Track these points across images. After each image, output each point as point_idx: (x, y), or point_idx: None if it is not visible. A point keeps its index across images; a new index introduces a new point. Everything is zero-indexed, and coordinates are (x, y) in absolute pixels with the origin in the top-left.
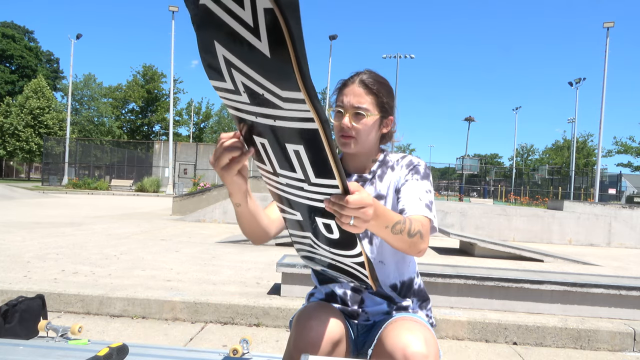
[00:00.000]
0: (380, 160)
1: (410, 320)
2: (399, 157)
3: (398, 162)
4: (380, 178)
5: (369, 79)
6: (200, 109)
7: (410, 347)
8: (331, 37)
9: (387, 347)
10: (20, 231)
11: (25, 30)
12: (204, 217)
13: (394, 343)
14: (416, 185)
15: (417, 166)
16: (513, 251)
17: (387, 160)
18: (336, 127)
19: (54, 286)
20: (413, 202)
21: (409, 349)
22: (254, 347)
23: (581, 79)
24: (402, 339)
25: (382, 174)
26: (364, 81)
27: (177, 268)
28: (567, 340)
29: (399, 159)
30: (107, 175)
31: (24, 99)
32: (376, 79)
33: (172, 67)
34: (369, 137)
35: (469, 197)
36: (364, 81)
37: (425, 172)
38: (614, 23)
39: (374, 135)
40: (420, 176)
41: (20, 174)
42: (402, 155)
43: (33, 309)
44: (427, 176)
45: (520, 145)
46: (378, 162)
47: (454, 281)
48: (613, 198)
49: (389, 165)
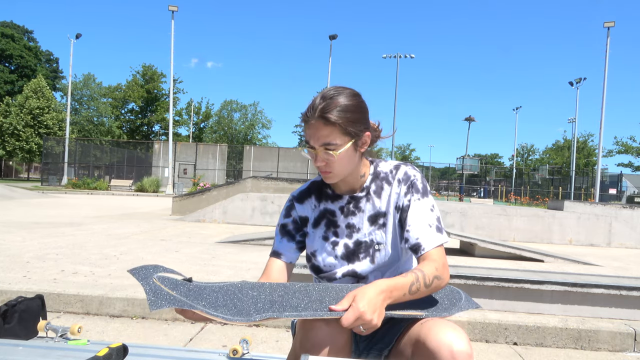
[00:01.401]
0: (372, 173)
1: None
2: (392, 166)
3: (392, 174)
4: (376, 194)
5: (326, 108)
6: (200, 109)
7: (456, 344)
8: (331, 37)
9: (429, 345)
10: (20, 231)
11: (25, 30)
12: (203, 217)
13: (438, 341)
14: (420, 208)
15: (414, 181)
16: (513, 251)
17: (379, 171)
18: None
19: (54, 286)
20: (426, 233)
21: (455, 347)
22: (254, 347)
23: (581, 78)
24: (447, 336)
25: (377, 189)
26: (321, 114)
27: (177, 268)
28: (567, 341)
29: (392, 169)
30: (107, 175)
31: (23, 99)
32: (334, 104)
33: (172, 67)
34: (349, 163)
35: (469, 197)
36: (321, 114)
37: (423, 187)
38: (614, 23)
39: (353, 159)
40: (420, 194)
41: (19, 174)
42: (394, 165)
43: (32, 309)
44: (426, 190)
45: (520, 145)
46: (370, 176)
47: (454, 281)
48: (613, 198)
49: (382, 178)
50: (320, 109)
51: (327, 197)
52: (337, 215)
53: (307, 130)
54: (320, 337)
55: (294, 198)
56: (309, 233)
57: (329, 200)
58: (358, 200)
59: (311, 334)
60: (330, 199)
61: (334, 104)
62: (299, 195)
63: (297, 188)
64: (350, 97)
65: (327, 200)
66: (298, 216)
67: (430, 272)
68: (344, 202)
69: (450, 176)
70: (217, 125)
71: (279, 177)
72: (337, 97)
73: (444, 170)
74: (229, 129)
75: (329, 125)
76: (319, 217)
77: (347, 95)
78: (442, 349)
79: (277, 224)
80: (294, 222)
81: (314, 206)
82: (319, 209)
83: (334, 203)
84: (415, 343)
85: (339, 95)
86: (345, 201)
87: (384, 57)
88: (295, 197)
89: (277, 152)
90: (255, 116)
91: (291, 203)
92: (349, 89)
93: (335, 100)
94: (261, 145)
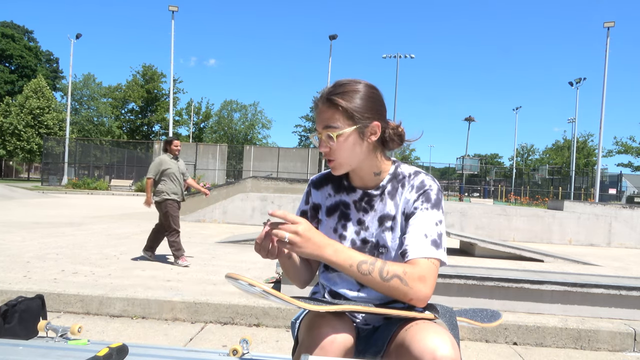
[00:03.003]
0: (391, 173)
1: (432, 323)
2: (412, 171)
3: (410, 178)
4: (390, 195)
5: (334, 90)
6: (200, 109)
7: (439, 350)
8: (331, 37)
9: (413, 351)
10: (20, 231)
11: (25, 30)
12: (203, 217)
13: (422, 347)
14: (425, 218)
15: (429, 191)
16: (513, 251)
17: (399, 172)
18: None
19: (54, 286)
20: (417, 241)
21: (439, 352)
22: (254, 347)
23: (581, 79)
24: (430, 342)
25: (392, 190)
26: (327, 96)
27: (177, 268)
28: (567, 341)
29: (412, 174)
30: (107, 175)
31: (23, 99)
32: (342, 89)
33: (172, 67)
34: (353, 153)
35: (469, 197)
36: (327, 96)
37: (436, 199)
38: (614, 23)
39: (358, 149)
40: (430, 204)
41: (20, 174)
42: (414, 171)
43: (33, 309)
44: (438, 203)
45: (520, 145)
46: (389, 176)
47: (454, 281)
48: (613, 198)
49: (399, 180)
50: (327, 92)
51: (344, 189)
52: (351, 209)
53: (315, 117)
54: (324, 337)
55: (312, 183)
56: (322, 220)
57: (345, 192)
58: (372, 197)
59: (315, 334)
60: (346, 191)
61: (342, 89)
62: (317, 181)
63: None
64: (360, 85)
65: (343, 191)
66: (313, 202)
67: (394, 269)
68: (357, 197)
69: (450, 176)
70: (217, 125)
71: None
72: (347, 84)
73: (444, 170)
74: (229, 129)
75: (332, 107)
76: (333, 207)
77: (357, 82)
78: (425, 355)
79: (297, 209)
80: (312, 209)
81: (329, 195)
82: (334, 198)
83: (349, 195)
84: (399, 348)
85: (350, 82)
86: (359, 196)
87: (384, 57)
88: (314, 182)
89: (277, 152)
90: (255, 116)
91: (309, 189)
92: (365, 81)
93: (344, 86)
94: (261, 145)
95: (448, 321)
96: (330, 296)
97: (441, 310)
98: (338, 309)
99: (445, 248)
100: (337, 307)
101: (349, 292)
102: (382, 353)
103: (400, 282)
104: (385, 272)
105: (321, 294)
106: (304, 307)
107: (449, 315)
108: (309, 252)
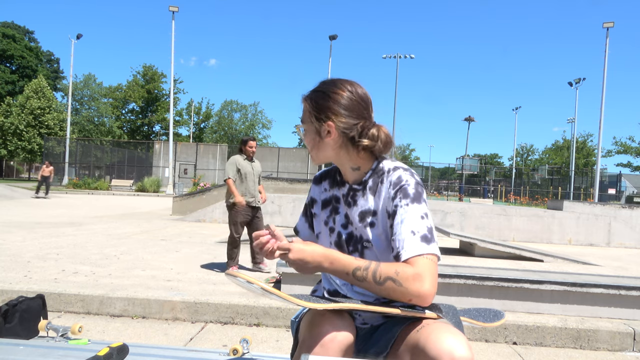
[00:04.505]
0: (373, 169)
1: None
2: (391, 167)
3: (388, 174)
4: (372, 190)
5: (311, 89)
6: (200, 109)
7: (456, 351)
8: (331, 37)
9: (430, 352)
10: (21, 231)
11: (26, 31)
12: (204, 217)
13: (438, 348)
14: (408, 214)
15: (406, 186)
16: (513, 251)
17: (380, 168)
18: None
19: (54, 286)
20: (406, 241)
21: (456, 353)
22: (254, 347)
23: (581, 79)
24: (446, 343)
25: (374, 186)
26: (305, 94)
27: (177, 268)
28: (567, 340)
29: (390, 169)
30: (107, 175)
31: (24, 99)
32: (317, 89)
33: (172, 67)
34: (318, 147)
35: (469, 197)
36: (305, 94)
37: (415, 193)
38: (613, 23)
39: (322, 145)
40: (410, 199)
41: (20, 174)
42: (394, 166)
43: (33, 308)
44: (419, 197)
45: (520, 145)
46: (370, 171)
47: (454, 281)
48: (613, 198)
49: (380, 175)
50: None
51: (337, 184)
52: (341, 203)
53: None
54: (325, 335)
55: (314, 179)
56: (316, 214)
57: (337, 187)
58: (355, 192)
59: (316, 332)
60: (338, 186)
61: (317, 89)
62: (318, 177)
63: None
64: (329, 85)
65: (336, 186)
66: (311, 197)
67: (387, 270)
68: (345, 191)
69: (450, 176)
70: (218, 125)
71: (279, 177)
72: (324, 84)
73: (444, 170)
74: (229, 129)
75: (304, 105)
76: (327, 200)
77: (330, 82)
78: (443, 357)
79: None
80: (310, 204)
81: (325, 189)
82: (329, 193)
83: (340, 190)
84: (413, 350)
85: (327, 83)
86: (346, 190)
87: (383, 57)
88: (315, 178)
89: (277, 152)
90: (255, 116)
91: (311, 185)
92: (344, 80)
93: (320, 86)
94: (261, 145)
95: (452, 320)
96: (330, 295)
97: (444, 309)
98: (338, 307)
99: (436, 242)
100: (336, 305)
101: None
102: (386, 353)
103: (394, 283)
104: (378, 275)
105: (321, 293)
106: (302, 305)
107: (452, 314)
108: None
